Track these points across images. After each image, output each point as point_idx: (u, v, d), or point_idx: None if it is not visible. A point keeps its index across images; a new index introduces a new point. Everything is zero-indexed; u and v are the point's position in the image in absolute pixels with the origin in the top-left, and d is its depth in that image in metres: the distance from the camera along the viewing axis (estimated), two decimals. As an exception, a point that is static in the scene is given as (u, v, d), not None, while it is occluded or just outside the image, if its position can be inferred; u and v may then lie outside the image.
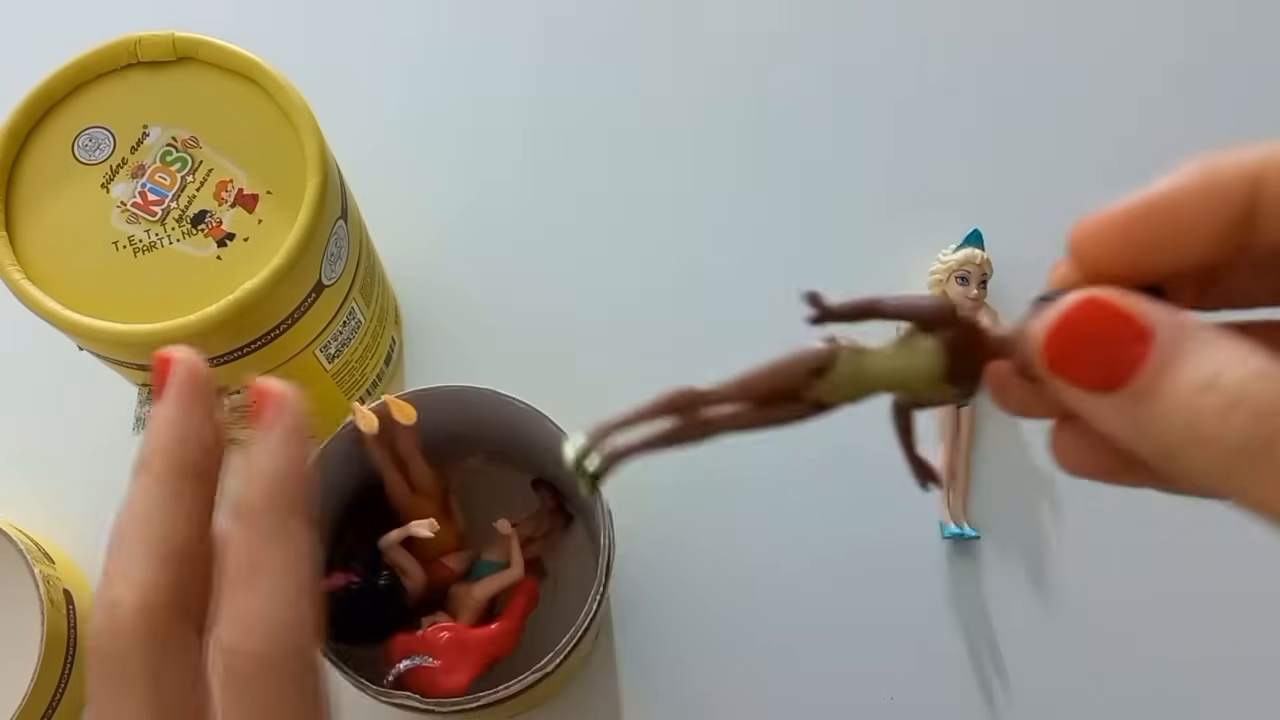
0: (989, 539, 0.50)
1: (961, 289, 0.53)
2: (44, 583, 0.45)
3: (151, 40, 0.41)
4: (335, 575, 0.42)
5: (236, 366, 0.41)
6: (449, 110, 0.59)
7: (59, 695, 0.46)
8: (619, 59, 0.59)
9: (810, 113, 0.58)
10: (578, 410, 0.49)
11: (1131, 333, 0.18)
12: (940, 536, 0.50)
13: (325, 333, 0.44)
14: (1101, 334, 0.18)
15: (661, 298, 0.55)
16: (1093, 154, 0.57)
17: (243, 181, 0.40)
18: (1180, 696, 0.48)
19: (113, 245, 0.40)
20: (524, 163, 0.57)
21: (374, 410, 0.41)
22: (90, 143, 0.41)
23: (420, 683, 0.41)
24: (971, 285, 0.52)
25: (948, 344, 0.22)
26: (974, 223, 0.54)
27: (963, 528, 0.50)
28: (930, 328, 0.22)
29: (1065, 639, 0.49)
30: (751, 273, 0.55)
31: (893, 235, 0.55)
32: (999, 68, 0.59)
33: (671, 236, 0.56)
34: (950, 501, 0.50)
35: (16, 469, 0.52)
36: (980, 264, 0.53)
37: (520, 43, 0.60)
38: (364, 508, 0.46)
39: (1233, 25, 0.60)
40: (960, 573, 0.50)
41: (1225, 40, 0.59)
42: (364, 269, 0.46)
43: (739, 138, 0.58)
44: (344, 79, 0.59)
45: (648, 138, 0.58)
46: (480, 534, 0.46)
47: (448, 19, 0.61)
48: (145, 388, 0.42)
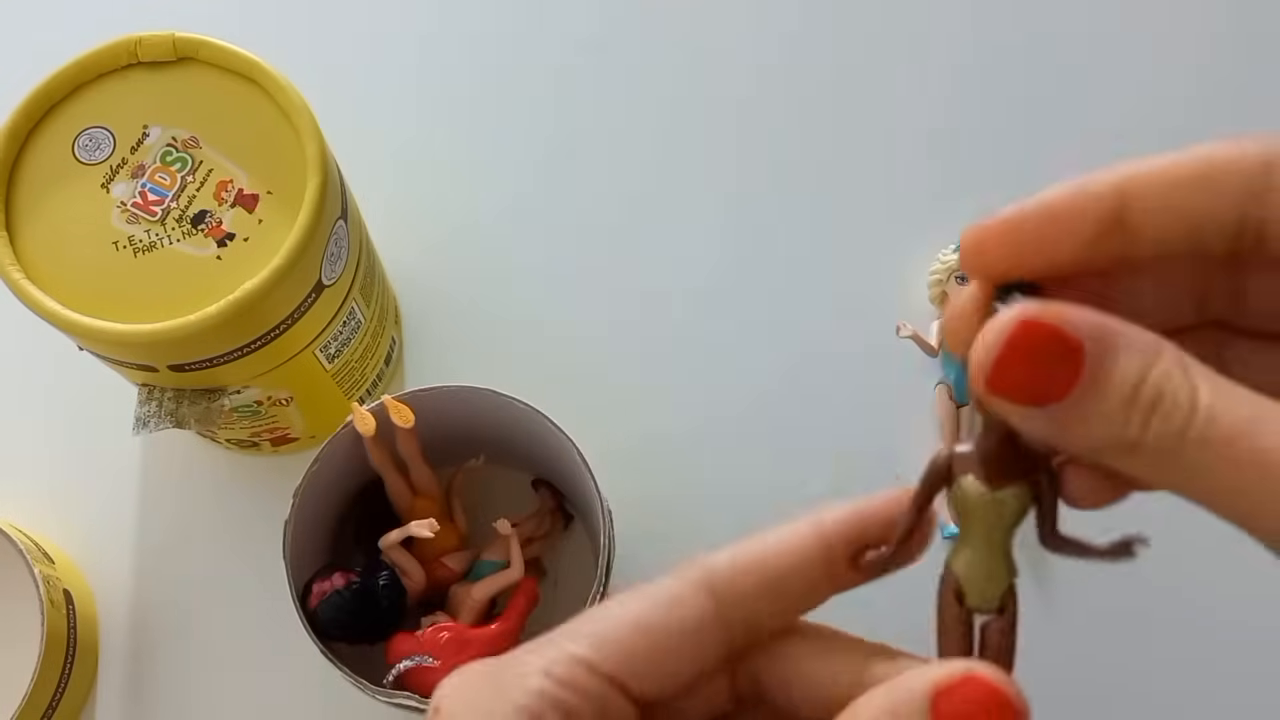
0: (989, 539, 0.50)
1: (962, 288, 0.52)
2: (44, 583, 0.45)
3: (151, 40, 0.41)
4: (335, 575, 0.42)
5: (236, 366, 0.41)
6: (450, 110, 0.59)
7: (59, 695, 0.46)
8: (621, 59, 0.59)
9: (811, 114, 0.58)
10: (578, 410, 0.49)
11: (1064, 350, 0.19)
12: (941, 536, 0.50)
13: (325, 333, 0.44)
14: (1037, 353, 0.19)
15: (661, 297, 0.55)
16: (1092, 153, 0.57)
17: (243, 181, 0.40)
18: (1180, 694, 0.48)
19: (113, 245, 0.40)
20: (524, 163, 0.57)
21: (372, 411, 0.41)
22: (90, 143, 0.41)
23: (420, 683, 0.41)
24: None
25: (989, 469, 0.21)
26: None
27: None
28: (952, 477, 0.21)
29: (1063, 636, 0.49)
30: (752, 273, 0.55)
31: (892, 236, 0.55)
32: (999, 67, 0.59)
33: (672, 236, 0.56)
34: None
35: (16, 469, 0.52)
36: None
37: (521, 42, 0.60)
38: (364, 508, 0.46)
39: (1233, 23, 0.59)
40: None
41: (1224, 38, 0.59)
42: (364, 269, 0.46)
43: (740, 140, 0.58)
44: (344, 79, 0.59)
45: (649, 139, 0.58)
46: (480, 534, 0.47)
47: (448, 19, 0.60)
48: (145, 388, 0.42)
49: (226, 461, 0.52)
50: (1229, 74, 0.58)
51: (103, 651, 0.49)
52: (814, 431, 0.52)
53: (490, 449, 0.47)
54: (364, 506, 0.46)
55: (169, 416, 0.41)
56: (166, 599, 0.50)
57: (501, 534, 0.44)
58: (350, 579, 0.42)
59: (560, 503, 0.49)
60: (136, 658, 0.49)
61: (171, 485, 0.52)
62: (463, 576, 0.45)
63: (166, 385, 0.41)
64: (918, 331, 0.51)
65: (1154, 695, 0.49)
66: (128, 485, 0.51)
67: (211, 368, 0.40)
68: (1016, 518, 0.21)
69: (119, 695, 0.49)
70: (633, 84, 0.59)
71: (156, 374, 0.41)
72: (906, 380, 0.53)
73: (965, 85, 0.59)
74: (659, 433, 0.52)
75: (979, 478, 0.21)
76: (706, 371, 0.53)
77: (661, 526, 0.50)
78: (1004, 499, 0.21)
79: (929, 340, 0.52)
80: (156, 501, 0.51)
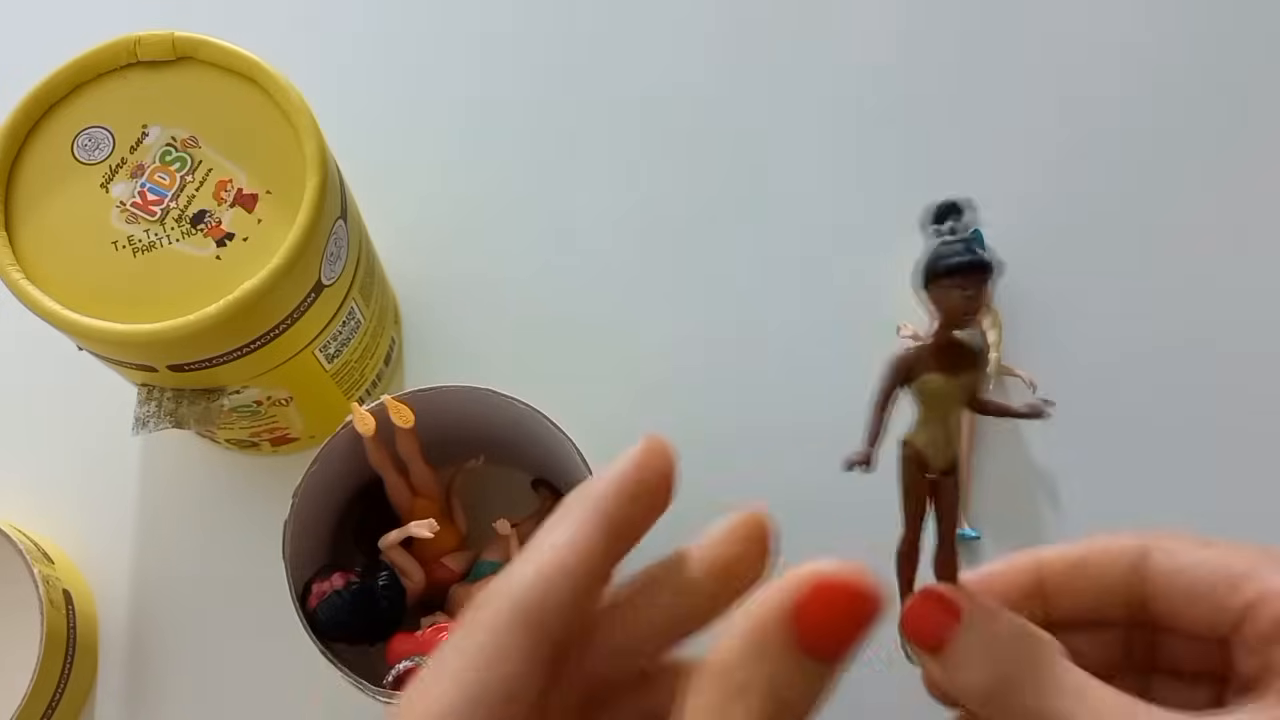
0: (989, 538, 0.50)
1: None
2: (44, 583, 0.45)
3: (151, 40, 0.41)
4: (335, 575, 0.42)
5: (236, 366, 0.41)
6: (449, 110, 0.59)
7: (58, 695, 0.46)
8: (621, 58, 0.59)
9: (810, 110, 0.58)
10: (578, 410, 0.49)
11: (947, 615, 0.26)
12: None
13: (325, 333, 0.44)
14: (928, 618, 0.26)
15: (662, 298, 0.55)
16: (1093, 151, 0.57)
17: (242, 181, 0.40)
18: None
19: (112, 245, 0.40)
20: (525, 163, 0.57)
21: (372, 411, 0.41)
22: (90, 142, 0.41)
23: None
24: (972, 284, 0.52)
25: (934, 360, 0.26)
26: (973, 223, 0.54)
27: (964, 528, 0.50)
28: (912, 374, 0.26)
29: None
30: (752, 270, 0.55)
31: (893, 234, 0.55)
32: (999, 63, 0.59)
33: (673, 236, 0.56)
34: None
35: (16, 469, 0.52)
36: None
37: (521, 43, 0.60)
38: (363, 508, 0.46)
39: (1232, 20, 0.59)
40: (962, 571, 0.50)
41: (1224, 35, 0.59)
42: (364, 269, 0.46)
43: (739, 136, 0.58)
44: (344, 79, 0.59)
45: (649, 137, 0.58)
46: (480, 534, 0.46)
47: (448, 19, 0.60)
48: (145, 388, 0.42)
49: (226, 461, 0.52)
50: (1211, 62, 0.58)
51: (102, 651, 0.49)
52: (815, 431, 0.52)
53: (490, 449, 0.47)
54: (363, 507, 0.46)
55: (169, 416, 0.41)
56: (166, 599, 0.50)
57: (501, 534, 0.44)
58: (350, 579, 0.42)
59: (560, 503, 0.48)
60: (136, 658, 0.49)
61: (171, 485, 0.52)
62: (463, 577, 0.45)
63: (166, 385, 0.41)
64: (918, 331, 0.51)
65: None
66: (128, 485, 0.51)
67: (211, 368, 0.40)
68: (967, 397, 0.26)
69: (119, 695, 0.49)
70: (635, 84, 0.59)
71: (156, 374, 0.41)
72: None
73: (966, 81, 0.59)
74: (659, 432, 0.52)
75: (938, 371, 0.26)
76: (706, 371, 0.53)
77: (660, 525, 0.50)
78: (960, 384, 0.26)
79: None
80: (156, 501, 0.51)
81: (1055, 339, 0.54)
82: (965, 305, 0.26)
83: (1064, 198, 0.57)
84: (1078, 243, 0.56)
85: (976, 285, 0.27)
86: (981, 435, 0.52)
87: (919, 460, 0.27)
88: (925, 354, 0.26)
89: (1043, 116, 0.58)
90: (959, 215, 0.28)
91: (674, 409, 0.52)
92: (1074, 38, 0.59)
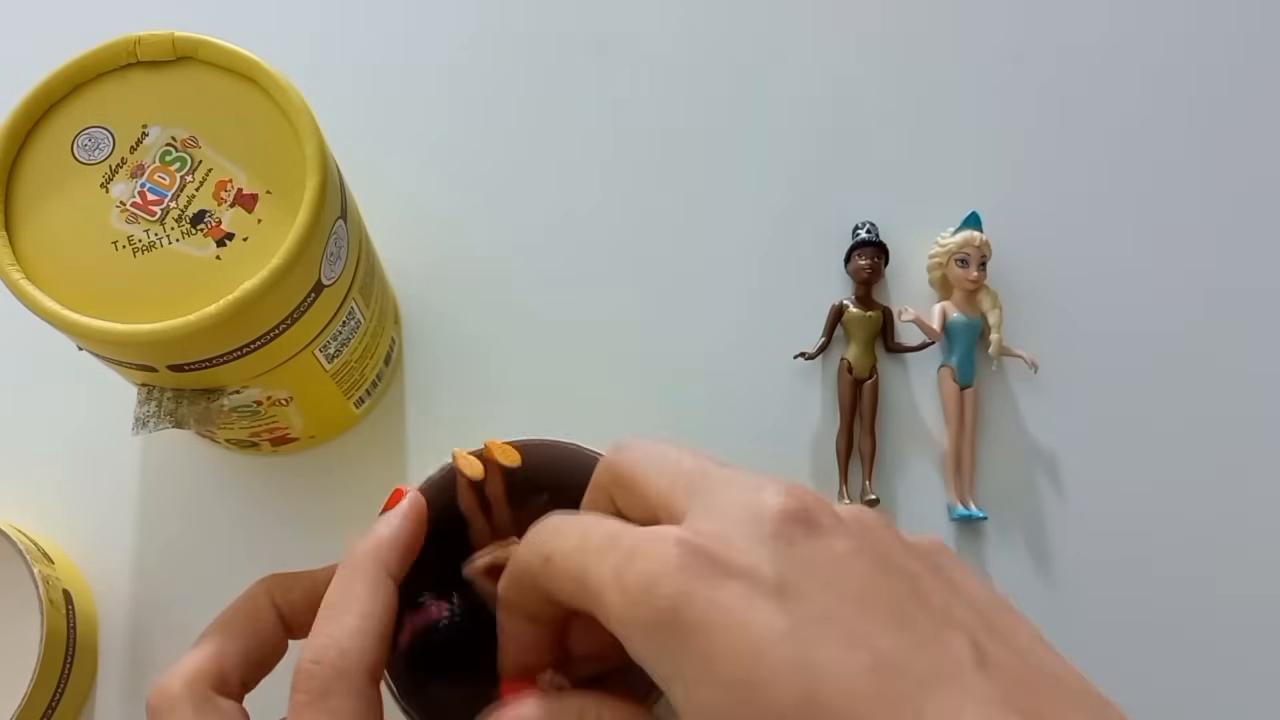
0: (995, 519, 0.51)
1: (961, 271, 0.53)
2: (44, 583, 0.45)
3: (151, 40, 0.41)
4: (429, 606, 0.40)
5: (236, 366, 0.41)
6: (450, 110, 0.59)
7: (58, 695, 0.46)
8: (621, 60, 0.59)
9: (808, 98, 0.58)
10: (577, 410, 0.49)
11: None
12: (949, 518, 0.51)
13: (325, 333, 0.44)
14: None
15: (662, 298, 0.55)
16: (1089, 136, 0.57)
17: (242, 181, 0.40)
18: (1181, 674, 0.48)
19: (112, 245, 0.39)
20: (525, 163, 0.57)
21: (474, 454, 0.40)
22: (90, 142, 0.41)
23: None
24: (971, 267, 0.53)
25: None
26: (972, 205, 0.54)
27: (970, 509, 0.51)
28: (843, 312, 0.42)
29: (1068, 615, 0.50)
30: (752, 268, 0.55)
31: (892, 219, 0.55)
32: (996, 52, 0.59)
33: (674, 236, 0.56)
34: (958, 484, 0.51)
35: (16, 469, 0.52)
36: (979, 246, 0.53)
37: (521, 43, 0.60)
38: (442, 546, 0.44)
39: (1230, 17, 0.60)
40: (968, 552, 0.51)
41: (1223, 32, 0.59)
42: (364, 269, 0.46)
43: (739, 135, 0.58)
44: (344, 79, 0.59)
45: (649, 139, 0.58)
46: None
47: (448, 19, 0.60)
48: (144, 388, 0.42)
49: (226, 461, 0.52)
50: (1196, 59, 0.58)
51: (102, 651, 0.49)
52: (824, 417, 0.52)
53: (553, 488, 0.46)
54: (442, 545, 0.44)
55: (168, 416, 0.41)
56: (166, 599, 0.50)
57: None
58: (444, 611, 0.40)
59: None
60: (136, 658, 0.49)
61: (171, 485, 0.52)
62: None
63: (166, 385, 0.41)
64: (919, 315, 0.51)
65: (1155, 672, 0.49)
66: (127, 485, 0.51)
67: (211, 368, 0.40)
68: (878, 326, 0.50)
69: (119, 695, 0.49)
70: (637, 86, 0.59)
71: (156, 374, 0.41)
72: (921, 380, 0.53)
73: (962, 68, 0.59)
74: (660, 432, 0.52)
75: (858, 308, 0.50)
76: (706, 371, 0.53)
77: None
78: (874, 316, 0.51)
79: (931, 324, 0.52)
80: (156, 501, 0.51)
81: (1057, 319, 0.54)
82: (869, 268, 0.52)
83: (1065, 178, 0.57)
84: (1080, 222, 0.56)
85: (871, 257, 0.53)
86: (985, 420, 0.52)
87: (849, 369, 0.50)
88: (851, 299, 0.50)
89: (1039, 99, 0.58)
90: (871, 225, 0.54)
91: (675, 409, 0.53)
92: (1071, 24, 0.59)
